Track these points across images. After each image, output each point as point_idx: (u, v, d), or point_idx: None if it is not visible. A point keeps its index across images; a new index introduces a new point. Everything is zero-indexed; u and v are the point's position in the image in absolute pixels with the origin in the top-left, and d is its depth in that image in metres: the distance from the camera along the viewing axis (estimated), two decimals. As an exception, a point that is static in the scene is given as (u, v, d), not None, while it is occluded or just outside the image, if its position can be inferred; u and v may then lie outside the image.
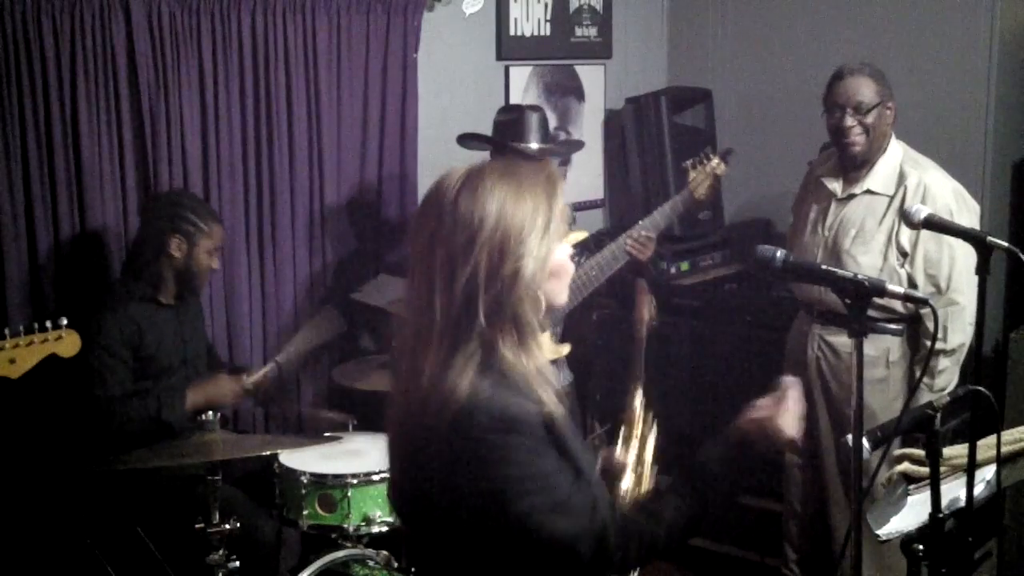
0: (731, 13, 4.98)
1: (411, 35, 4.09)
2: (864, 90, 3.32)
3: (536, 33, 4.64)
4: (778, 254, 1.83)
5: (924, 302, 1.87)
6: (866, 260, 3.27)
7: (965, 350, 3.31)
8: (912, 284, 3.29)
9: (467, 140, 3.94)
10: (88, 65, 3.34)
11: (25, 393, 2.94)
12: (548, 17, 4.68)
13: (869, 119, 3.32)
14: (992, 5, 4.18)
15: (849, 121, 3.32)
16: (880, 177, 3.38)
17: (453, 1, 4.30)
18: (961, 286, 3.26)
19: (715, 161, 3.59)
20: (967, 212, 3.31)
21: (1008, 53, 4.26)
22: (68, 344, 2.66)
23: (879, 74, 3.36)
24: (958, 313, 3.28)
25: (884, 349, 3.36)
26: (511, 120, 3.81)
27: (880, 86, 3.34)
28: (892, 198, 3.34)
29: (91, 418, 3.15)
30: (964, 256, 3.21)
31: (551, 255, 1.65)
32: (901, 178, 3.35)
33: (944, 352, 3.30)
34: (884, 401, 3.33)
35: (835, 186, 3.47)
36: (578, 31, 4.82)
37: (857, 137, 3.34)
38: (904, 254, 3.31)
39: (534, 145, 3.77)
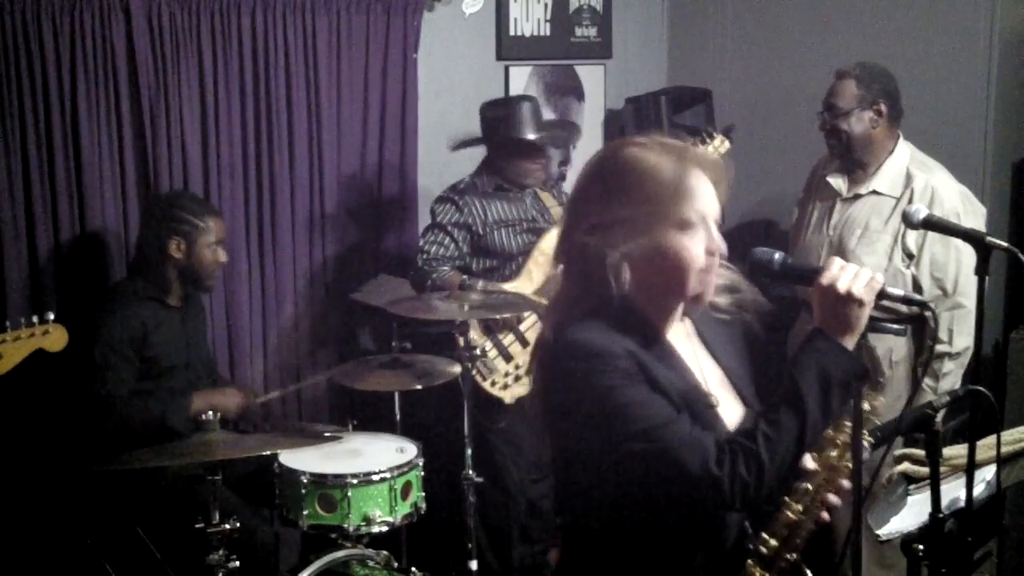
0: (731, 13, 4.98)
1: (411, 35, 4.09)
2: (842, 93, 3.37)
3: (536, 33, 4.64)
4: (776, 256, 1.80)
5: (924, 304, 1.85)
6: (871, 261, 3.26)
7: (970, 354, 3.28)
8: (917, 286, 3.28)
9: (462, 147, 3.96)
10: (88, 65, 3.34)
11: (14, 389, 2.93)
12: (548, 17, 4.68)
13: (844, 124, 3.36)
14: (992, 5, 4.18)
15: (824, 123, 3.41)
16: (887, 179, 3.38)
17: (453, 1, 4.30)
18: (968, 289, 3.24)
19: (719, 139, 3.60)
20: (973, 215, 3.30)
21: (1008, 53, 4.26)
22: (55, 338, 2.65)
23: (868, 77, 3.36)
24: (964, 316, 3.27)
25: (887, 349, 3.36)
26: (503, 115, 3.82)
27: (863, 90, 3.35)
28: (898, 200, 3.33)
29: (91, 415, 3.15)
30: (971, 259, 3.20)
31: (629, 236, 1.71)
32: (908, 180, 3.35)
33: (949, 355, 3.28)
34: (887, 401, 3.28)
35: (840, 185, 3.47)
36: (578, 31, 4.82)
37: (830, 140, 3.43)
38: (910, 256, 3.30)
39: (530, 136, 3.77)
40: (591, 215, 1.76)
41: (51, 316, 2.64)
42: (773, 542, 1.82)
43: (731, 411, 1.83)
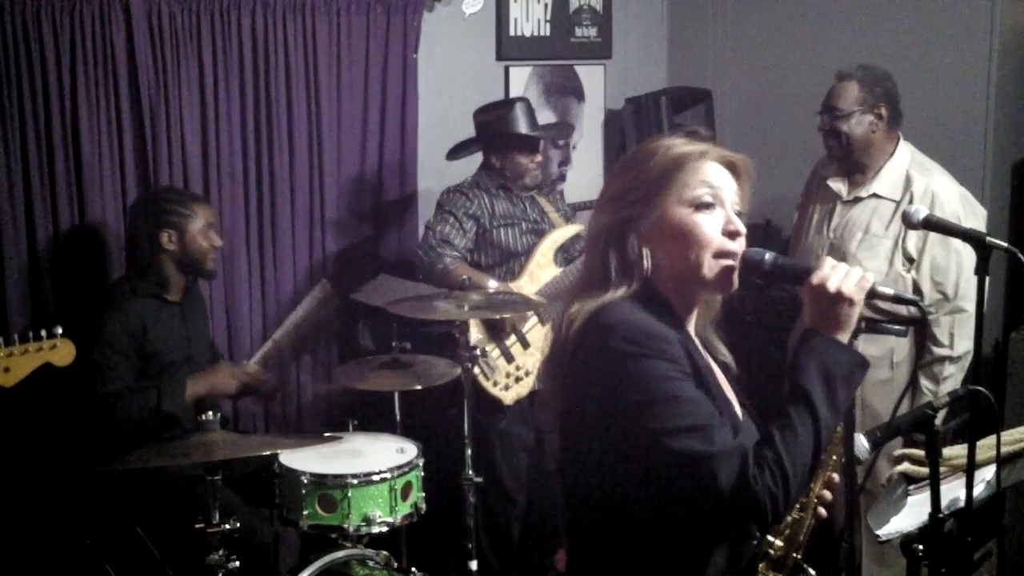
0: (731, 13, 4.98)
1: (411, 35, 4.09)
2: (841, 96, 3.35)
3: (536, 33, 4.64)
4: (767, 256, 1.80)
5: (914, 303, 1.84)
6: (872, 265, 3.26)
7: (970, 357, 3.27)
8: (918, 290, 3.27)
9: (456, 153, 3.96)
10: (88, 65, 3.34)
11: (20, 401, 2.93)
12: (548, 17, 4.68)
13: (844, 126, 3.34)
14: (992, 5, 4.18)
15: (823, 124, 3.39)
16: (887, 181, 3.38)
17: (453, 1, 4.30)
18: (969, 293, 3.23)
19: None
20: (974, 218, 3.30)
21: (1008, 53, 4.26)
22: (63, 353, 2.65)
23: (870, 79, 3.35)
24: (965, 320, 3.26)
25: (888, 350, 3.35)
26: (497, 116, 3.85)
27: (865, 93, 3.33)
28: (899, 203, 3.33)
29: (92, 414, 3.15)
30: (971, 262, 3.19)
31: (653, 216, 1.73)
32: (908, 183, 3.34)
33: (950, 359, 3.28)
34: (888, 402, 3.32)
35: (841, 188, 3.46)
36: (578, 31, 4.82)
37: (830, 141, 3.41)
38: (911, 260, 3.30)
39: (525, 131, 3.81)
40: (609, 199, 1.80)
41: (59, 330, 2.65)
42: (779, 543, 1.82)
43: (740, 419, 1.81)
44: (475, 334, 3.68)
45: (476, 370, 3.65)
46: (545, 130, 4.11)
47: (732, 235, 1.76)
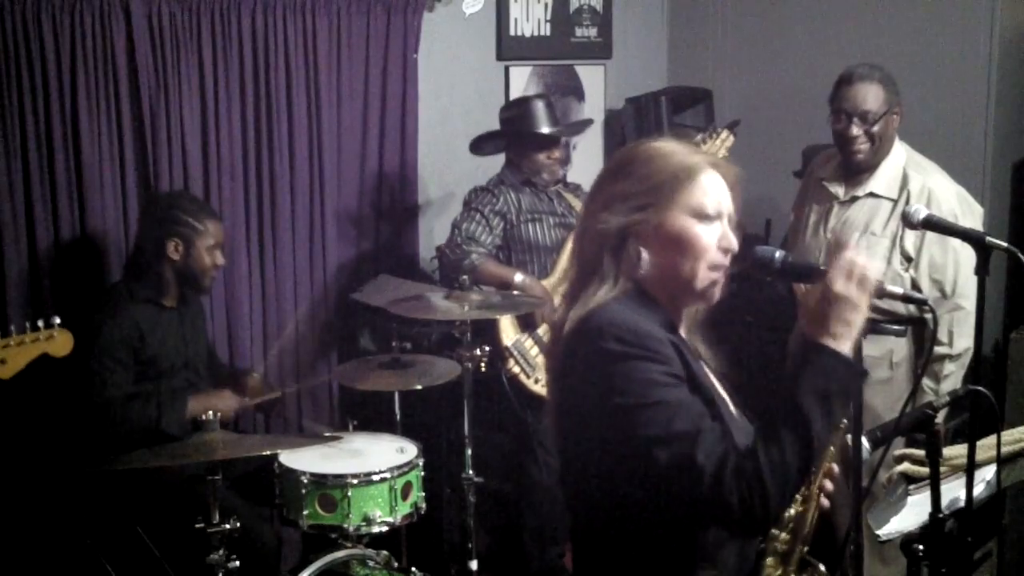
0: (731, 13, 4.98)
1: (411, 35, 4.09)
2: (872, 98, 3.25)
3: (536, 33, 4.64)
4: (777, 255, 1.81)
5: (923, 303, 1.86)
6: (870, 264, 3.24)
7: (970, 355, 3.27)
8: (916, 289, 3.26)
9: (478, 145, 3.96)
10: (88, 65, 3.34)
11: (18, 393, 2.92)
12: (548, 17, 4.68)
13: (875, 128, 3.27)
14: (992, 5, 4.18)
15: (855, 131, 3.27)
16: (884, 180, 3.37)
17: (453, 1, 4.30)
18: (967, 291, 3.22)
19: (724, 133, 3.66)
20: (971, 216, 3.29)
21: (1008, 53, 4.26)
22: (60, 343, 2.64)
23: (888, 79, 3.31)
24: (964, 318, 3.26)
25: (887, 350, 3.35)
26: (519, 115, 3.86)
27: (888, 93, 3.28)
28: (896, 202, 3.32)
29: (90, 420, 3.14)
30: (969, 260, 3.19)
31: (653, 222, 1.74)
32: (905, 182, 3.33)
33: (950, 357, 3.28)
34: (888, 402, 3.31)
35: (837, 189, 3.46)
36: (578, 31, 4.82)
37: (862, 146, 3.31)
38: (908, 259, 3.29)
39: (545, 129, 3.82)
40: (611, 198, 1.79)
41: (57, 321, 2.64)
42: (784, 536, 1.82)
43: (736, 419, 1.81)
44: (510, 334, 3.69)
45: (516, 369, 3.67)
46: (563, 127, 4.12)
47: (725, 251, 1.77)
